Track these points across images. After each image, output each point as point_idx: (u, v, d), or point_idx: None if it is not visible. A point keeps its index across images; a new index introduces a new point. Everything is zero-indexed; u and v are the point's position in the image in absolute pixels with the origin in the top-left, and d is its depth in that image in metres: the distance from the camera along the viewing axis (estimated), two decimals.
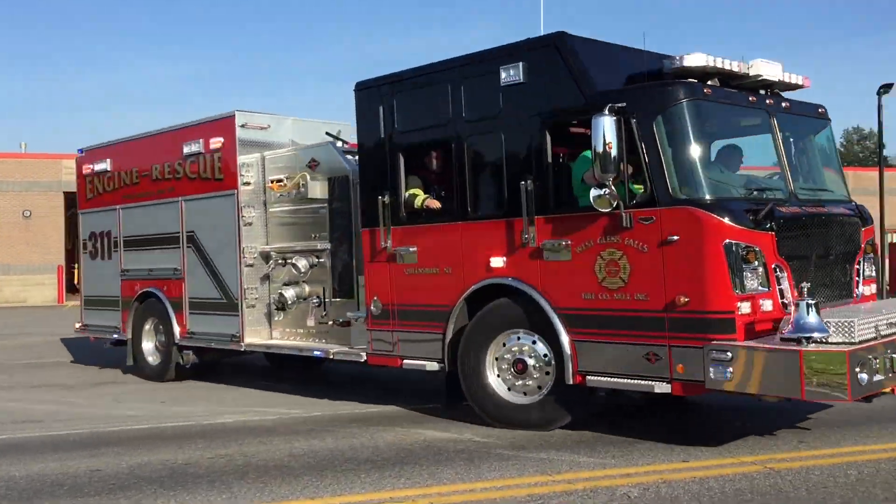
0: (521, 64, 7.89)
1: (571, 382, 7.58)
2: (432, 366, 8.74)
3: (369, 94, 9.27)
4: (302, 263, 10.41)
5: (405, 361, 8.99)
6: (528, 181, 7.77)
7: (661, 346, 7.01)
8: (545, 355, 7.87)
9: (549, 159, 7.79)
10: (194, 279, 11.76)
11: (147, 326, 12.72)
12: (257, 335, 11.09)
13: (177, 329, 11.99)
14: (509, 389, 8.12)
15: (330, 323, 10.22)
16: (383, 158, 9.13)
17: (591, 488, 6.23)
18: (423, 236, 8.83)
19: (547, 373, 7.89)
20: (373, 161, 9.27)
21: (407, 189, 9.04)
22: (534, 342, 7.94)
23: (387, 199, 9.01)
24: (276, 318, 11.06)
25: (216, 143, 11.27)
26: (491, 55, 8.21)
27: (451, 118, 8.51)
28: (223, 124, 11.22)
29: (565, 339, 7.60)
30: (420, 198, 8.97)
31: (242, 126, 11.08)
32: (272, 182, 10.90)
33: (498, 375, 8.18)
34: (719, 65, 7.39)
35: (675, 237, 6.90)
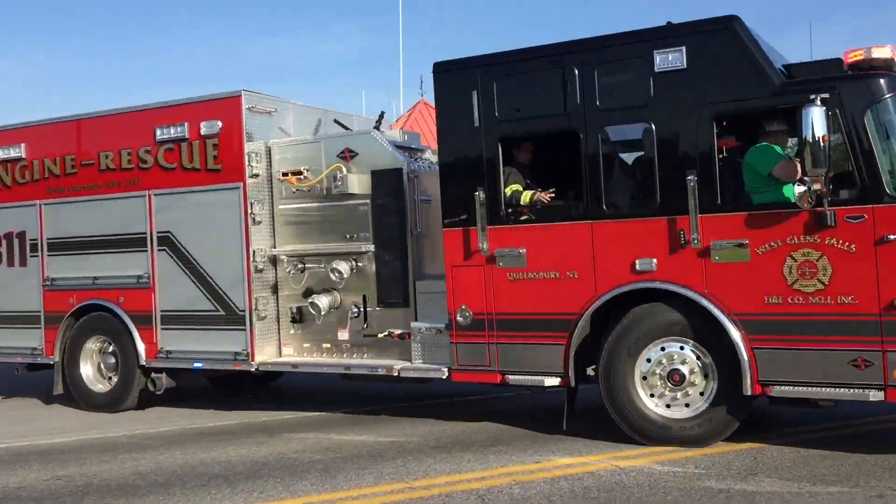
0: (683, 48, 7.24)
1: (749, 393, 7.04)
2: (551, 381, 7.84)
3: (459, 76, 8.18)
4: (344, 268, 9.05)
5: (511, 377, 8.02)
6: (692, 176, 7.14)
7: (874, 352, 6.64)
8: (707, 364, 7.28)
9: (717, 153, 7.22)
10: (171, 288, 9.93)
11: (90, 346, 10.59)
12: (264, 353, 9.54)
13: (142, 348, 10.08)
14: (659, 401, 7.43)
15: (381, 335, 8.94)
16: (478, 150, 8.09)
17: (448, 493, 6.37)
18: (535, 237, 7.92)
19: (706, 384, 7.30)
20: (463, 152, 8.20)
21: (506, 185, 8.10)
22: (694, 351, 7.32)
23: (482, 195, 7.99)
24: (291, 332, 9.57)
25: (211, 127, 9.57)
26: (638, 37, 7.47)
27: (578, 106, 7.67)
28: (224, 106, 9.55)
29: (742, 346, 7.05)
30: (528, 194, 8.06)
31: (249, 109, 9.48)
32: (287, 174, 9.41)
33: (647, 387, 7.46)
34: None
35: (894, 236, 6.57)
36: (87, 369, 10.61)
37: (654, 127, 7.37)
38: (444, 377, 8.40)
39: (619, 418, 7.52)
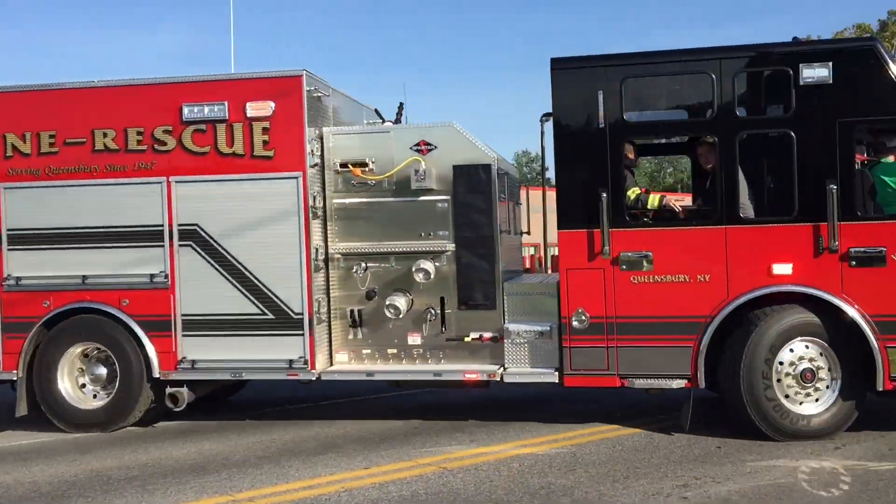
0: (830, 64, 7.59)
1: (882, 388, 7.59)
2: (678, 383, 7.93)
3: (583, 74, 7.99)
4: (430, 267, 8.48)
5: (635, 381, 7.99)
6: (833, 186, 7.54)
7: None
8: (833, 362, 7.73)
9: (856, 165, 7.67)
10: (198, 288, 8.71)
11: (72, 356, 9.00)
12: (321, 362, 8.66)
13: (155, 358, 8.76)
14: (792, 398, 7.76)
15: (468, 338, 8.49)
16: (602, 151, 7.95)
17: None
18: (663, 240, 7.94)
19: (832, 381, 7.75)
20: (584, 153, 8.02)
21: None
22: (824, 350, 7.72)
23: (606, 197, 7.88)
24: (349, 337, 8.80)
25: (260, 108, 8.51)
26: (785, 49, 7.73)
27: (714, 112, 7.79)
28: (280, 85, 8.53)
29: (876, 346, 7.57)
30: (655, 197, 8.06)
31: (309, 92, 8.54)
32: (351, 166, 8.64)
33: (783, 385, 7.74)
34: None
35: None
36: (65, 385, 9.00)
37: (794, 136, 7.67)
38: (556, 381, 8.19)
39: (759, 417, 7.72)
